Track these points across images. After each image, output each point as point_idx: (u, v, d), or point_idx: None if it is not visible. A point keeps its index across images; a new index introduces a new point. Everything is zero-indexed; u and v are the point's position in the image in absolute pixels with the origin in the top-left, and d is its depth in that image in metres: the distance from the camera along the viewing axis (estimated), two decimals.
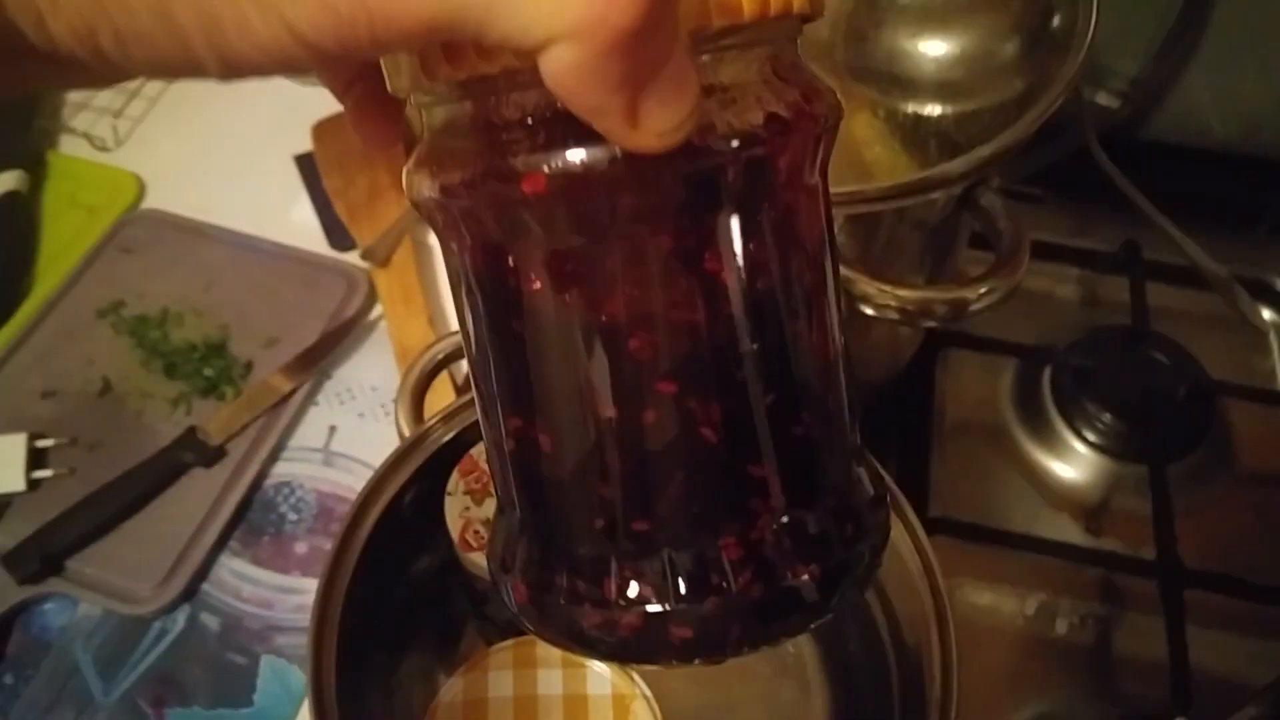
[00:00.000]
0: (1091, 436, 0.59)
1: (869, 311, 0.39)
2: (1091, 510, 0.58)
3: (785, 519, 0.23)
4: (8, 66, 0.18)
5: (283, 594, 0.51)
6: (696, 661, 0.24)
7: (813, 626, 0.24)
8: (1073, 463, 0.59)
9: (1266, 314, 0.66)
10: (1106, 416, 0.59)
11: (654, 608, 0.22)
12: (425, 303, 0.60)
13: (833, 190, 0.39)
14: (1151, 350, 0.60)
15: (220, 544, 0.52)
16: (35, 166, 0.68)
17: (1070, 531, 0.57)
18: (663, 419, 0.21)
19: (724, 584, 0.22)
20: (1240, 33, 0.63)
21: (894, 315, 0.39)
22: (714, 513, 0.22)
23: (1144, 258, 0.64)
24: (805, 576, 0.22)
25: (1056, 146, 0.64)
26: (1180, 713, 0.47)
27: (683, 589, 0.22)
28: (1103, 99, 0.68)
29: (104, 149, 0.71)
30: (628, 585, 0.22)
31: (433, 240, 0.66)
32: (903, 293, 0.39)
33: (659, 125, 0.18)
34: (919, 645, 0.40)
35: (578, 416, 0.22)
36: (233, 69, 0.18)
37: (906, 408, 0.60)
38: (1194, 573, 0.51)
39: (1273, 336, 0.65)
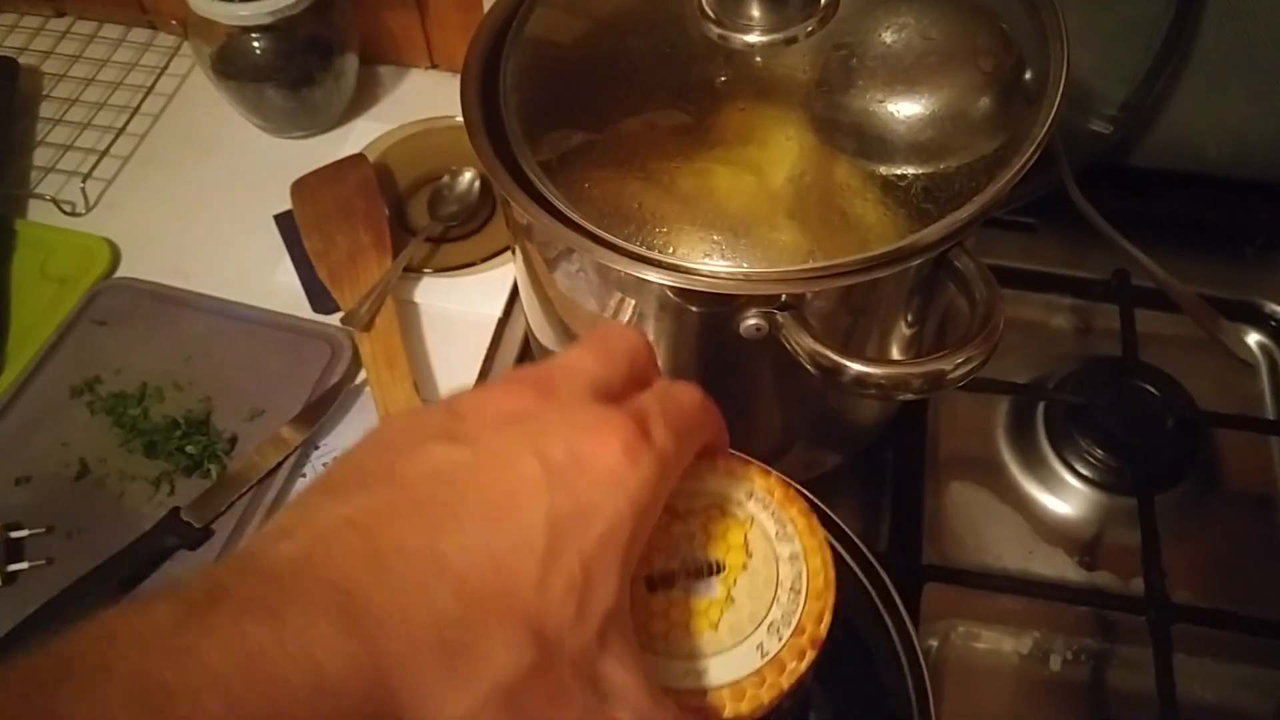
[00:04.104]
0: (1084, 470, 0.59)
1: (841, 387, 0.39)
2: (1085, 544, 0.58)
3: None
4: None
5: None
6: None
7: None
8: (1066, 497, 0.60)
9: (1254, 337, 0.66)
10: (1098, 450, 0.59)
11: None
12: (410, 367, 0.60)
13: (803, 266, 0.40)
14: (1140, 381, 0.60)
15: None
16: (1, 236, 0.67)
17: (1064, 565, 0.57)
18: None
19: None
20: (1228, 53, 0.63)
21: (869, 393, 0.39)
22: None
23: (1134, 285, 0.64)
24: None
25: (1038, 184, 0.64)
26: None
27: None
28: (1094, 125, 0.67)
29: (74, 214, 0.70)
30: None
31: (417, 299, 0.65)
32: (876, 370, 0.38)
33: None
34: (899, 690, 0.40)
35: None
36: None
37: (900, 446, 0.60)
38: (1181, 608, 0.52)
39: (1261, 361, 0.65)
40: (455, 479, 0.23)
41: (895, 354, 0.49)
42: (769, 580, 0.30)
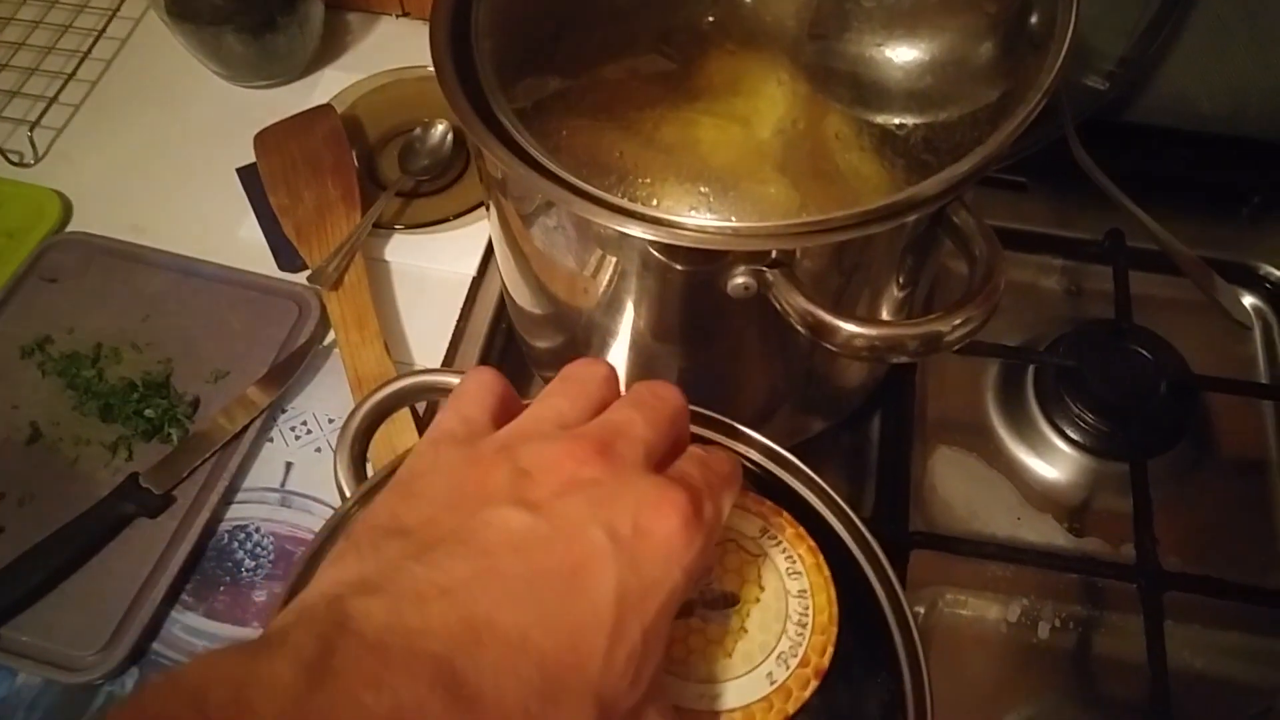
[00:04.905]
0: (1074, 435, 0.58)
1: (833, 349, 0.37)
2: (1075, 510, 0.57)
3: None
4: None
5: None
6: None
7: None
8: (1055, 462, 0.58)
9: (1248, 299, 0.65)
10: (1089, 415, 0.57)
11: None
12: (380, 327, 0.57)
13: (795, 220, 0.37)
14: (1133, 344, 0.59)
15: (170, 599, 0.50)
16: None
17: (1053, 532, 0.57)
18: None
19: None
20: (1228, 8, 0.61)
21: (862, 355, 0.37)
22: None
23: (1128, 245, 0.62)
24: None
25: (1036, 137, 0.62)
26: None
27: None
28: (1090, 81, 0.65)
29: (22, 165, 0.67)
30: None
31: (388, 256, 0.62)
32: (870, 330, 0.36)
33: None
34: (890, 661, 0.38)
35: None
36: None
37: (887, 410, 0.59)
38: (1173, 575, 0.51)
39: (1255, 324, 0.64)
40: (532, 549, 0.24)
41: (885, 316, 0.47)
42: (779, 614, 0.33)
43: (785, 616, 0.33)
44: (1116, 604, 0.53)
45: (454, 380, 0.43)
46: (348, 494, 0.39)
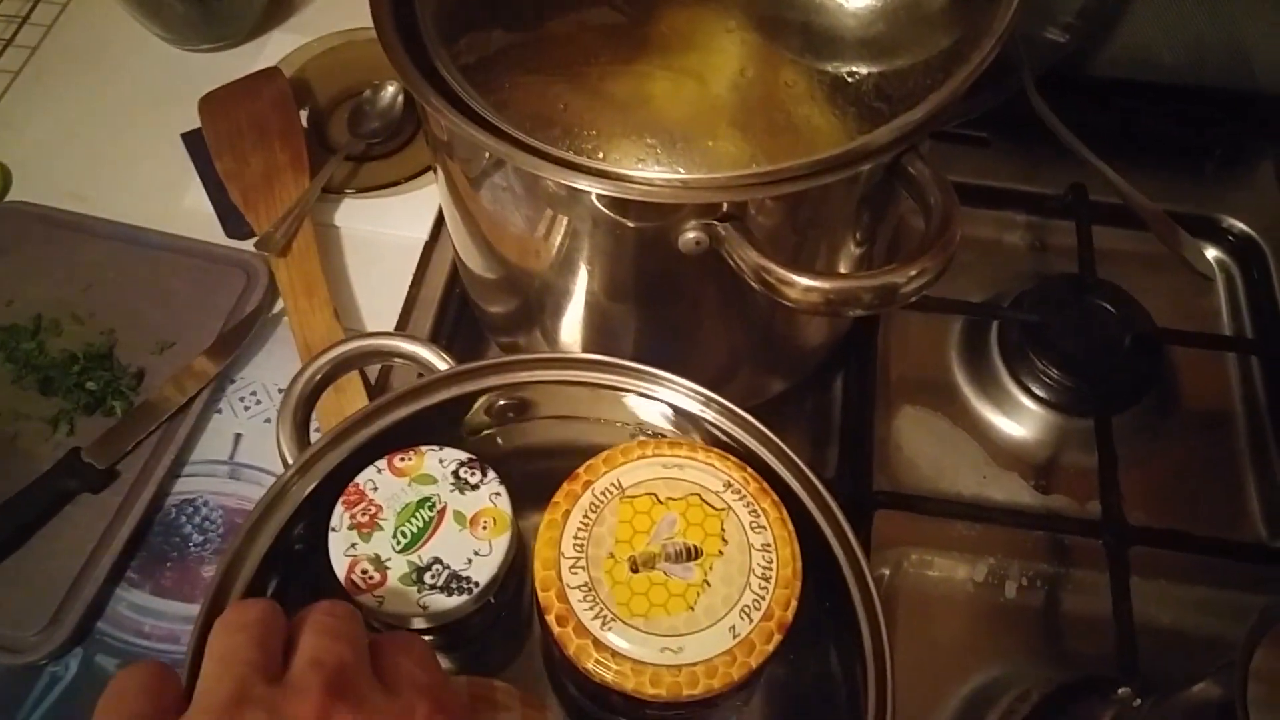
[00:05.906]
0: (1039, 391, 0.58)
1: (787, 304, 0.36)
2: (1041, 467, 0.57)
3: None
4: None
5: (190, 625, 0.47)
6: None
7: None
8: (1021, 419, 0.58)
9: (1211, 252, 0.64)
10: (1054, 371, 0.57)
11: None
12: (330, 294, 0.56)
13: (745, 171, 0.36)
14: (1098, 299, 0.58)
15: (115, 576, 0.48)
16: None
17: (1019, 490, 0.56)
18: None
19: None
20: None
21: (818, 309, 0.36)
22: None
23: (1091, 200, 0.62)
24: None
25: (996, 91, 0.61)
26: (1126, 680, 0.46)
27: None
28: (1050, 33, 0.64)
29: None
30: None
31: (338, 221, 0.61)
32: (824, 284, 0.35)
33: None
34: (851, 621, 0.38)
35: None
36: None
37: (849, 369, 0.58)
38: (1138, 530, 0.51)
39: (1219, 277, 0.63)
40: None
41: (843, 271, 0.46)
42: (742, 567, 0.33)
43: (749, 570, 0.33)
44: (1083, 561, 0.53)
45: (401, 344, 0.42)
46: (290, 461, 0.38)
